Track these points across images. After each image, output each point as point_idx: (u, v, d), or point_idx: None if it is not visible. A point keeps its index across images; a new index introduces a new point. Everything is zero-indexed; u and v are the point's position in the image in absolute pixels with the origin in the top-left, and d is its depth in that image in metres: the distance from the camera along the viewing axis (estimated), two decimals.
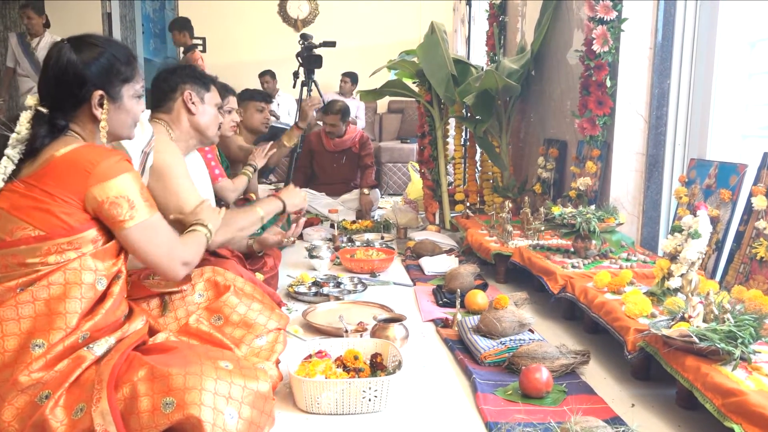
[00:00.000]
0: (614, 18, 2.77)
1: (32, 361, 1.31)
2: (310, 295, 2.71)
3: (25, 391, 1.30)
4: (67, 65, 1.44)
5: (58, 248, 1.37)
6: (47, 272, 1.36)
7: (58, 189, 1.37)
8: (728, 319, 1.59)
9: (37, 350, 1.32)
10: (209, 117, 2.17)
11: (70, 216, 1.38)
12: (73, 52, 1.46)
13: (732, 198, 2.23)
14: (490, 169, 4.16)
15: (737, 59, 2.54)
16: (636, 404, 1.75)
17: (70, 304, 1.37)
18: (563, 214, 2.57)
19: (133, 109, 1.56)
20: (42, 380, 1.31)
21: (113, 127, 1.53)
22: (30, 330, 1.33)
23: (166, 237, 1.54)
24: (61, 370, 1.34)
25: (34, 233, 1.36)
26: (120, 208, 1.40)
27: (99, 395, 1.29)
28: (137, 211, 1.43)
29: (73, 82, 1.45)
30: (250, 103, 3.71)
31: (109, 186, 1.39)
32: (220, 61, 7.42)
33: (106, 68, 1.48)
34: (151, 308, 1.69)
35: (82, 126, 1.50)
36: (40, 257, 1.36)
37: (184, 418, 1.28)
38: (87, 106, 1.48)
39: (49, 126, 1.43)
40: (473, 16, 6.24)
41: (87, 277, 1.40)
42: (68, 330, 1.35)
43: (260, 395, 1.43)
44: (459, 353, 2.07)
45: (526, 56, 3.66)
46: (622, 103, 2.85)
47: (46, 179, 1.37)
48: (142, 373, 1.34)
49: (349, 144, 4.89)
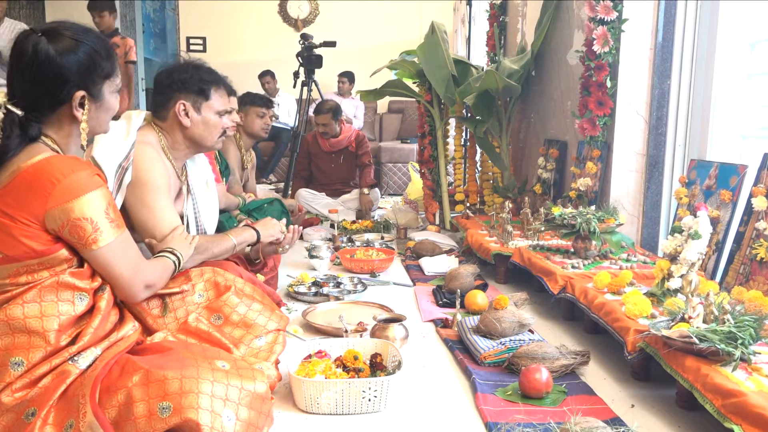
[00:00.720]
0: (615, 18, 2.77)
1: (14, 381, 1.28)
2: (309, 295, 2.71)
3: (11, 410, 1.28)
4: (45, 62, 1.32)
5: (28, 269, 1.31)
6: (20, 292, 1.31)
7: (17, 211, 1.28)
8: (728, 320, 1.58)
9: (18, 369, 1.29)
10: (204, 128, 2.00)
11: (33, 239, 1.30)
12: (51, 47, 1.33)
13: (732, 199, 2.23)
14: (491, 169, 4.16)
15: (737, 60, 2.54)
16: (636, 405, 1.75)
17: (48, 322, 1.31)
18: (563, 215, 2.57)
19: (113, 106, 1.48)
20: (26, 398, 1.28)
21: (92, 127, 1.44)
22: (7, 347, 1.29)
23: (132, 258, 1.47)
24: (46, 386, 1.30)
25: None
26: (83, 231, 1.32)
27: (84, 409, 1.26)
28: (102, 233, 1.34)
29: (53, 81, 1.34)
30: (251, 108, 3.69)
31: (69, 207, 1.30)
32: (221, 60, 7.39)
33: (86, 65, 1.37)
34: (151, 308, 1.69)
35: (58, 127, 1.40)
36: (9, 278, 1.31)
37: (182, 422, 1.27)
38: (66, 106, 1.38)
39: (21, 133, 1.32)
40: (474, 16, 6.24)
41: (65, 294, 1.35)
42: (49, 348, 1.31)
43: (257, 396, 1.43)
44: (459, 353, 2.07)
45: (527, 56, 3.66)
46: (623, 103, 2.85)
47: (7, 199, 1.28)
48: (136, 378, 1.31)
49: (346, 143, 4.89)
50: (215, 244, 2.00)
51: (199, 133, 2.00)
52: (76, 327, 1.39)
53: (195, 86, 1.97)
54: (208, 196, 2.22)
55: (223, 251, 2.02)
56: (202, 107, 1.99)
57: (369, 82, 4.62)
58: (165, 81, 1.98)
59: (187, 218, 2.09)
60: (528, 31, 3.96)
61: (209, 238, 2.05)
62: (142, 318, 1.65)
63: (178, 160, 2.04)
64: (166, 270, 1.65)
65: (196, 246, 1.86)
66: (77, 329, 1.38)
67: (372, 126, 7.81)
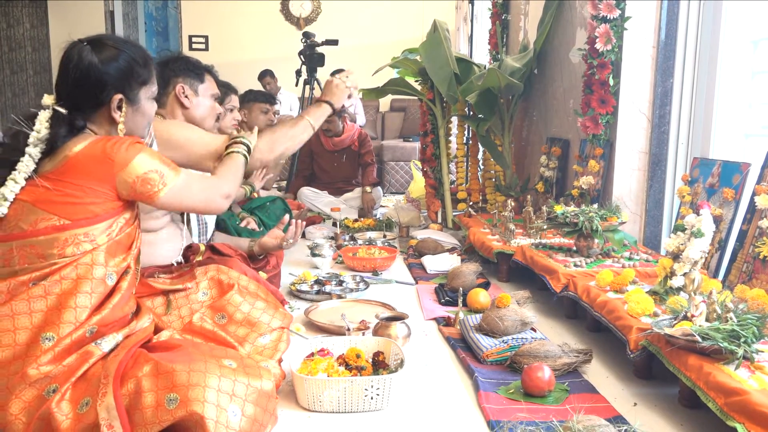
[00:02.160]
0: (617, 16, 2.77)
1: (41, 354, 1.33)
2: (312, 293, 2.71)
3: (33, 385, 1.32)
4: (88, 68, 1.47)
5: (75, 239, 1.41)
6: (61, 266, 1.39)
7: (86, 180, 1.41)
8: (731, 319, 1.58)
9: (47, 343, 1.34)
10: (204, 109, 2.15)
11: (99, 205, 1.43)
12: (93, 55, 1.48)
13: (735, 197, 2.23)
14: (493, 167, 4.16)
15: (740, 58, 2.54)
16: (638, 403, 1.75)
17: (81, 298, 1.39)
18: (566, 213, 2.57)
19: (149, 111, 1.61)
20: (50, 374, 1.33)
21: (129, 129, 1.56)
22: (41, 324, 1.36)
23: (200, 185, 1.62)
24: (69, 365, 1.35)
25: (59, 222, 1.39)
26: (152, 182, 1.47)
27: (105, 390, 1.31)
28: (167, 177, 1.50)
29: (94, 85, 1.48)
30: (254, 104, 3.69)
31: (133, 166, 1.45)
32: (223, 59, 7.41)
33: (125, 71, 1.51)
34: (156, 306, 1.70)
35: (99, 126, 1.53)
36: (57, 248, 1.39)
37: (188, 414, 1.29)
38: (106, 108, 1.51)
39: (69, 126, 1.46)
40: (476, 14, 6.23)
41: (98, 272, 1.43)
42: (77, 324, 1.38)
43: (264, 393, 1.44)
44: (461, 352, 2.07)
45: (529, 55, 3.66)
46: (625, 101, 2.84)
47: (70, 173, 1.41)
48: (146, 368, 1.35)
49: (348, 142, 4.88)
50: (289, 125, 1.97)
51: (199, 114, 2.13)
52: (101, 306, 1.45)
53: (191, 71, 2.12)
54: None
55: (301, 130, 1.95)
56: (199, 89, 2.15)
57: (371, 81, 4.61)
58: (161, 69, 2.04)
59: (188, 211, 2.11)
60: (530, 29, 3.96)
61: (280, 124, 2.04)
62: None
63: None
64: (237, 170, 1.76)
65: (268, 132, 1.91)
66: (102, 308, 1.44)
67: (374, 124, 7.81)
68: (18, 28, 7.04)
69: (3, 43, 7.07)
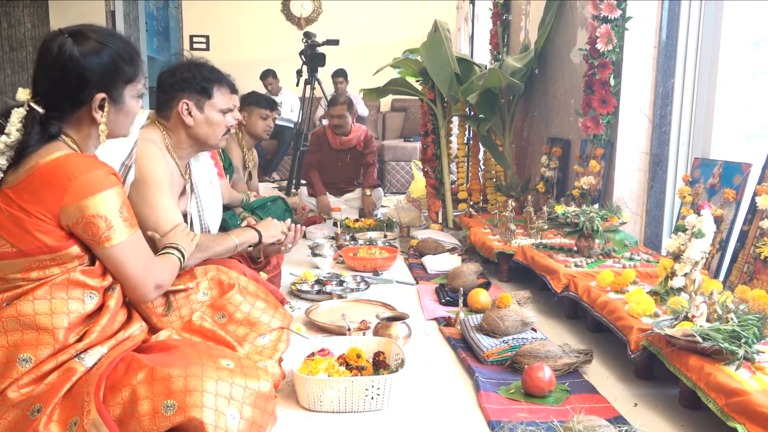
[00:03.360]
0: (618, 17, 2.77)
1: (20, 377, 1.29)
2: (313, 293, 2.71)
3: (17, 406, 1.28)
4: (68, 63, 1.34)
5: (40, 264, 1.32)
6: (31, 288, 1.32)
7: (32, 206, 1.29)
8: (732, 319, 1.58)
9: (25, 365, 1.29)
10: (208, 127, 2.00)
11: (47, 234, 1.31)
12: (76, 48, 1.35)
13: (736, 197, 2.23)
14: (494, 167, 4.16)
15: (741, 59, 2.53)
16: (639, 404, 1.75)
17: (57, 319, 1.32)
18: (566, 213, 2.57)
19: (134, 110, 1.50)
20: (32, 394, 1.29)
21: (111, 130, 1.46)
22: (16, 343, 1.30)
23: (144, 257, 1.48)
24: (52, 383, 1.31)
25: (12, 249, 1.30)
26: (96, 229, 1.33)
27: (88, 407, 1.26)
28: (115, 231, 1.36)
29: (74, 83, 1.36)
30: (255, 109, 3.67)
31: (84, 204, 1.31)
32: (224, 59, 7.37)
33: (109, 69, 1.39)
34: (156, 306, 1.69)
35: (78, 128, 1.42)
36: (20, 273, 1.32)
37: (186, 420, 1.27)
38: (86, 108, 1.39)
39: (42, 131, 1.34)
40: (477, 14, 6.23)
41: (75, 292, 1.36)
42: (57, 346, 1.32)
43: (261, 395, 1.43)
44: (461, 352, 2.07)
45: (530, 55, 3.65)
46: (626, 102, 2.84)
47: (24, 193, 1.30)
48: (141, 375, 1.31)
49: (355, 142, 4.87)
50: (217, 243, 2.01)
51: (203, 132, 2.00)
52: (84, 325, 1.39)
53: (197, 85, 1.97)
54: (212, 195, 2.23)
55: (224, 250, 2.02)
56: (205, 106, 1.99)
57: (372, 81, 4.61)
58: (168, 81, 1.99)
59: (191, 216, 2.09)
60: (531, 30, 3.95)
61: (211, 237, 2.05)
62: (147, 316, 1.65)
63: (182, 158, 2.05)
64: (173, 268, 1.66)
65: (198, 243, 1.86)
66: (85, 327, 1.39)
67: (375, 124, 7.81)
68: (19, 27, 7.05)
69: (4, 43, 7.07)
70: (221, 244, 2.01)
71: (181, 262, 1.70)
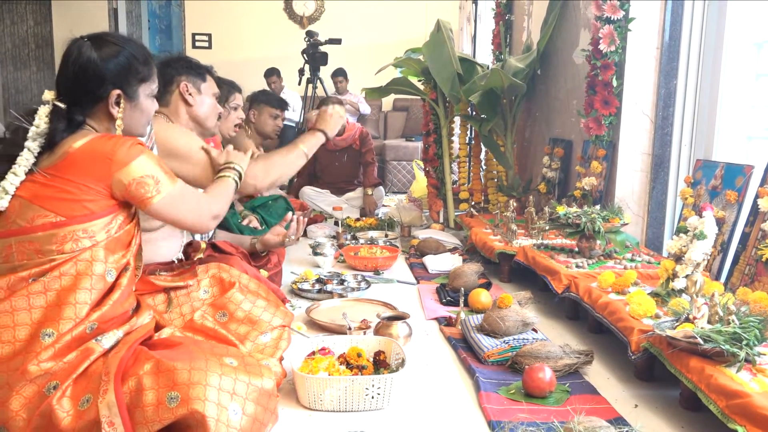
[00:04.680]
0: (621, 17, 2.77)
1: (41, 351, 1.33)
2: (313, 292, 2.72)
3: (34, 381, 1.32)
4: (87, 63, 1.47)
5: (74, 235, 1.41)
6: (60, 262, 1.39)
7: (82, 177, 1.41)
8: (733, 321, 1.58)
9: (47, 339, 1.34)
10: (207, 107, 2.17)
11: (94, 203, 1.43)
12: (93, 50, 1.48)
13: (738, 199, 2.22)
14: (495, 167, 4.16)
15: (744, 60, 2.53)
16: (639, 405, 1.75)
17: (80, 294, 1.39)
18: (568, 214, 2.57)
19: (148, 108, 1.61)
20: (51, 371, 1.33)
21: (128, 126, 1.56)
22: (40, 320, 1.36)
23: (193, 199, 1.61)
24: (70, 362, 1.35)
25: (56, 219, 1.39)
26: (147, 186, 1.47)
27: (106, 387, 1.31)
28: (162, 185, 1.49)
29: (92, 80, 1.49)
30: (265, 107, 3.66)
31: (131, 168, 1.44)
32: (226, 58, 7.42)
33: (124, 67, 1.52)
34: (156, 303, 1.70)
35: (98, 122, 1.53)
36: (56, 245, 1.39)
37: (189, 413, 1.29)
38: (104, 104, 1.51)
39: (67, 121, 1.47)
40: (479, 14, 6.23)
41: (97, 268, 1.43)
42: (77, 320, 1.38)
43: (264, 392, 1.44)
44: (462, 352, 2.07)
45: (532, 55, 3.65)
46: (628, 102, 2.84)
47: (67, 170, 1.41)
48: (147, 366, 1.35)
49: (350, 141, 4.87)
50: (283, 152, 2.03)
51: (203, 112, 2.15)
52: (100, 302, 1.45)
53: (193, 70, 2.13)
54: None
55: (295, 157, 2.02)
56: (202, 87, 2.16)
57: (374, 80, 4.61)
58: (163, 68, 2.07)
59: None
60: (534, 30, 3.95)
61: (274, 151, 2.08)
62: None
63: None
64: (227, 193, 1.76)
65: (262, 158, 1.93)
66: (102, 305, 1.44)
67: (376, 124, 7.81)
68: (22, 25, 7.06)
69: (7, 40, 7.08)
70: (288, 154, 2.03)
71: (236, 180, 1.79)
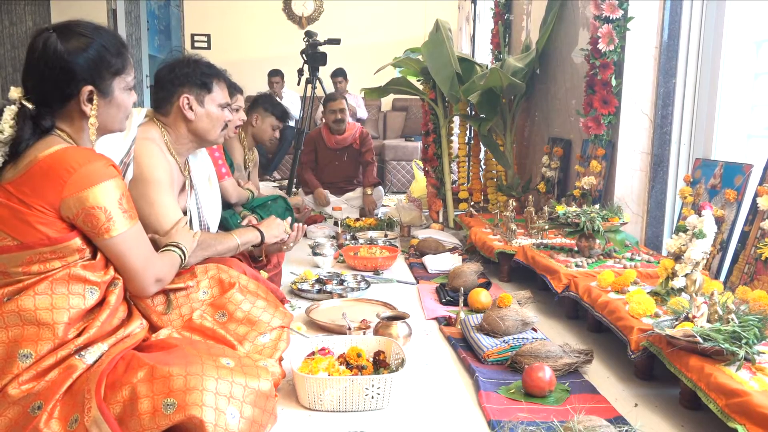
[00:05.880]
0: (620, 17, 2.77)
1: (21, 372, 1.29)
2: (313, 292, 2.72)
3: (17, 403, 1.28)
4: (53, 57, 1.35)
5: (41, 257, 1.33)
6: (32, 282, 1.33)
7: (33, 199, 1.30)
8: (732, 320, 1.58)
9: (25, 361, 1.29)
10: (208, 121, 2.02)
11: (48, 226, 1.32)
12: (60, 43, 1.36)
13: (737, 198, 2.22)
14: (495, 167, 4.16)
15: (743, 59, 2.53)
16: (639, 404, 1.75)
17: (58, 314, 1.33)
18: (567, 213, 2.57)
19: (125, 102, 1.49)
20: (33, 391, 1.29)
21: (103, 123, 1.46)
22: (16, 339, 1.30)
23: (144, 250, 1.49)
24: (53, 380, 1.31)
25: (13, 243, 1.31)
26: (96, 220, 1.34)
27: (89, 404, 1.26)
28: (114, 223, 1.37)
29: (60, 76, 1.37)
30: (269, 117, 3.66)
31: (84, 196, 1.32)
32: (225, 58, 7.41)
33: (95, 61, 1.39)
34: (156, 305, 1.69)
35: (70, 122, 1.42)
36: (21, 266, 1.32)
37: (186, 418, 1.28)
38: (75, 101, 1.40)
39: (34, 125, 1.35)
40: (478, 14, 6.23)
41: (76, 288, 1.36)
42: (56, 341, 1.32)
43: (261, 394, 1.43)
44: (462, 351, 2.07)
45: (531, 55, 3.65)
46: (628, 102, 2.84)
47: (24, 187, 1.31)
48: (141, 374, 1.31)
49: (350, 141, 4.87)
50: (219, 241, 2.00)
51: (203, 127, 2.02)
52: (84, 320, 1.39)
53: (197, 80, 1.99)
54: (211, 192, 2.23)
55: (226, 249, 2.01)
56: (205, 100, 2.01)
57: (373, 80, 4.61)
58: (167, 76, 2.00)
59: (190, 213, 2.09)
60: (533, 29, 3.95)
61: (213, 235, 2.05)
62: (147, 315, 1.65)
63: (181, 155, 2.05)
64: (173, 264, 1.67)
65: (200, 242, 1.86)
66: (85, 323, 1.39)
67: (376, 123, 7.81)
68: (20, 26, 7.05)
69: (6, 41, 7.07)
70: (223, 243, 2.01)
71: (182, 259, 1.71)
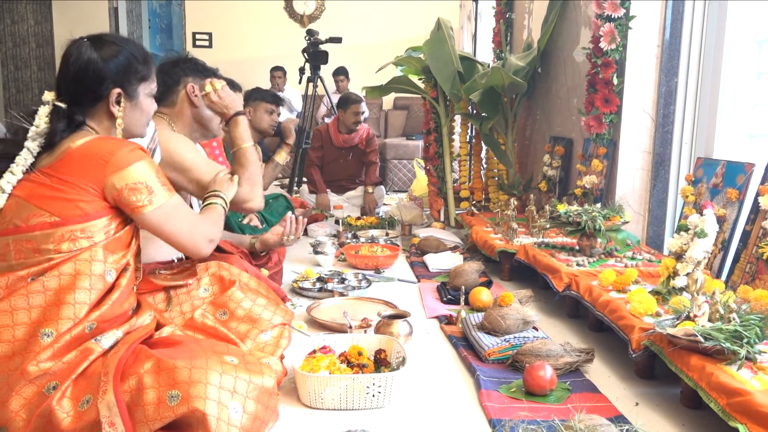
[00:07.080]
0: (622, 15, 2.76)
1: (41, 351, 1.32)
2: (314, 290, 2.72)
3: (33, 382, 1.32)
4: (87, 63, 1.48)
5: (71, 235, 1.40)
6: (59, 262, 1.39)
7: (76, 178, 1.41)
8: (734, 319, 1.58)
9: (46, 339, 1.34)
10: None
11: (88, 204, 1.42)
12: (93, 50, 1.49)
13: (739, 197, 2.22)
14: (496, 166, 4.16)
15: (745, 58, 2.53)
16: (640, 403, 1.75)
17: (80, 294, 1.39)
18: (568, 212, 2.56)
19: (148, 108, 1.61)
20: (50, 371, 1.33)
21: (128, 125, 1.57)
22: (39, 319, 1.35)
23: (187, 217, 1.59)
24: (69, 362, 1.35)
25: (50, 219, 1.39)
26: (139, 194, 1.45)
27: (105, 387, 1.30)
28: (155, 195, 1.48)
29: (92, 79, 1.49)
30: (261, 104, 3.67)
31: (126, 173, 1.43)
32: (227, 57, 7.43)
33: (124, 66, 1.53)
34: (157, 302, 1.70)
35: (99, 122, 1.54)
36: (53, 244, 1.39)
37: (189, 411, 1.29)
38: (104, 103, 1.52)
39: (68, 120, 1.48)
40: (480, 12, 6.23)
41: (96, 268, 1.42)
42: (76, 320, 1.37)
43: (265, 390, 1.44)
44: (463, 350, 2.07)
45: (533, 53, 3.65)
46: (629, 101, 2.83)
47: (64, 169, 1.41)
48: (148, 365, 1.35)
49: (357, 141, 4.87)
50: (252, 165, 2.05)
51: (207, 114, 2.11)
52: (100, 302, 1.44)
53: (199, 72, 2.10)
54: None
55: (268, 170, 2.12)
56: None
57: (375, 78, 4.61)
58: (171, 68, 2.07)
59: (191, 203, 2.11)
60: (534, 28, 3.95)
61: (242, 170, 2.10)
62: None
63: None
64: (219, 219, 1.74)
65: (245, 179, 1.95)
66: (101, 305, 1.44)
67: (377, 122, 7.81)
68: (22, 24, 7.06)
69: (7, 40, 7.08)
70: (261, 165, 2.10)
71: (224, 207, 1.78)
